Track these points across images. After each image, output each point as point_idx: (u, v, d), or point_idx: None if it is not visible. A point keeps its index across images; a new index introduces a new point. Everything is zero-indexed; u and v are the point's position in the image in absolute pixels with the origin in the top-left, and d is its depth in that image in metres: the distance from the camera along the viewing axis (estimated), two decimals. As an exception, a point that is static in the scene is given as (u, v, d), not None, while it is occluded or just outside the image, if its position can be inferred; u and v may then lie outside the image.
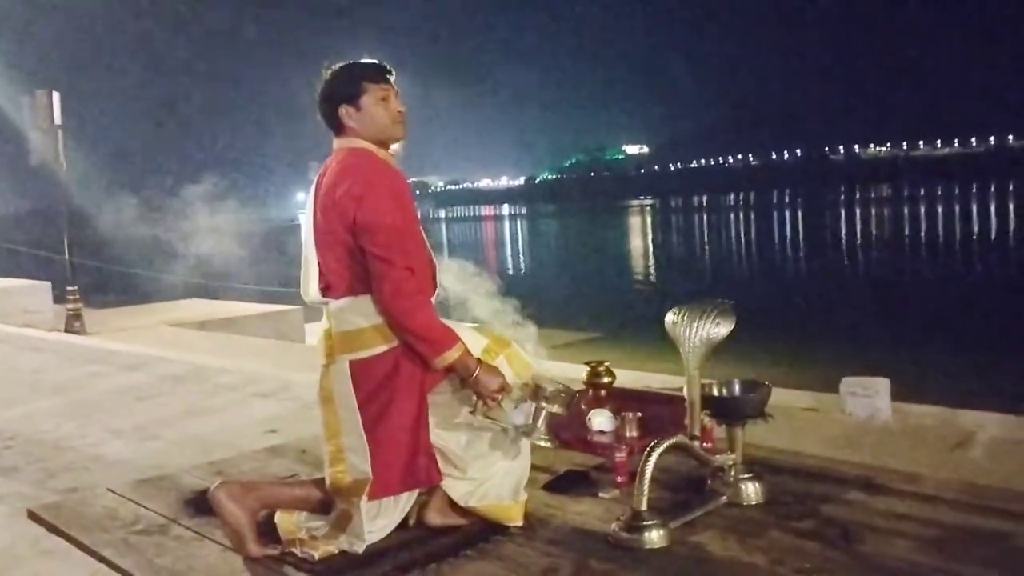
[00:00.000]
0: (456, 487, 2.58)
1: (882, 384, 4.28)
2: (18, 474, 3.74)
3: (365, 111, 2.52)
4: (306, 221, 2.59)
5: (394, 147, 2.62)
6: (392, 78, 2.58)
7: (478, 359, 2.48)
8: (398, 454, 2.47)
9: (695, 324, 2.63)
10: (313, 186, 2.59)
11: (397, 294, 2.40)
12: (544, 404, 2.54)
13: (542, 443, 2.59)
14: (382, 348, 2.46)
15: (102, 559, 2.64)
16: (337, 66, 2.58)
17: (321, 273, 2.54)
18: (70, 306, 9.19)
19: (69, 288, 9.27)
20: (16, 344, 8.01)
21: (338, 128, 2.56)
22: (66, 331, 9.01)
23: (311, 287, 2.56)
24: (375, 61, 2.59)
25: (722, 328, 2.63)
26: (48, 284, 10.73)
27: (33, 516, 3.06)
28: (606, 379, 3.32)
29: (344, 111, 2.52)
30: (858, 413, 4.20)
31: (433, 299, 2.56)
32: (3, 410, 5.05)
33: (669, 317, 2.71)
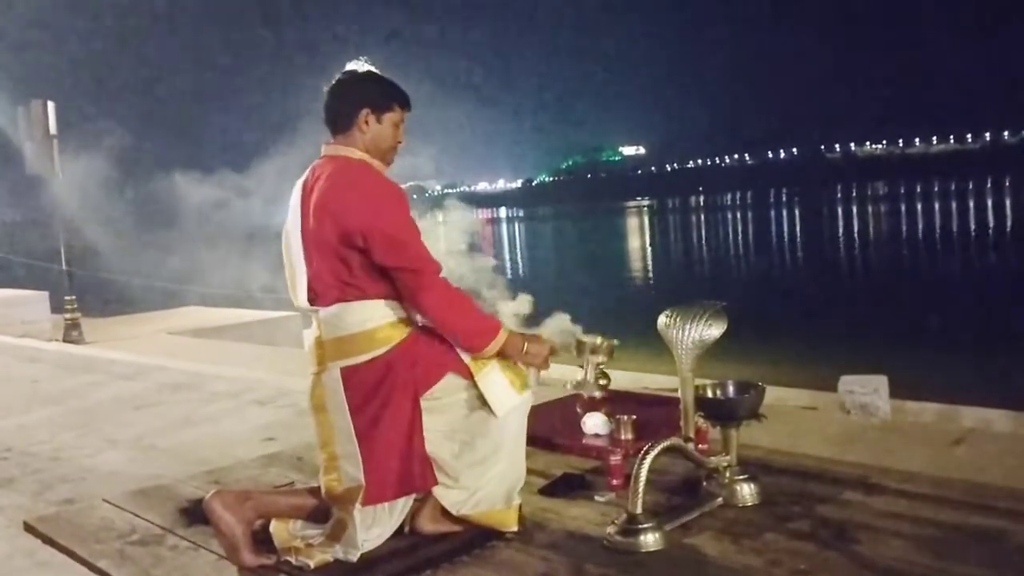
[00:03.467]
0: (448, 495, 2.56)
1: (881, 382, 4.29)
2: (15, 485, 3.73)
3: (383, 126, 2.56)
4: (293, 227, 2.55)
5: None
6: (408, 113, 2.63)
7: (521, 333, 2.59)
8: (392, 460, 2.46)
9: (687, 326, 2.63)
10: (298, 191, 2.56)
11: (444, 302, 2.48)
12: (591, 356, 2.99)
13: (596, 393, 3.00)
14: (374, 353, 2.46)
15: (98, 570, 2.64)
16: (371, 70, 2.60)
17: (310, 280, 2.52)
18: (68, 315, 9.17)
19: (67, 298, 9.26)
20: (14, 354, 8.00)
21: (345, 128, 2.54)
22: (64, 341, 8.99)
23: (300, 294, 2.55)
24: (404, 90, 2.64)
25: (714, 330, 2.63)
26: (46, 294, 10.72)
27: (29, 528, 3.05)
28: (601, 382, 3.32)
29: (365, 115, 2.53)
30: (857, 411, 4.21)
31: None
32: (0, 421, 5.04)
33: (661, 319, 2.71)
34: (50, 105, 9.25)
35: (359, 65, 2.62)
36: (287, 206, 2.64)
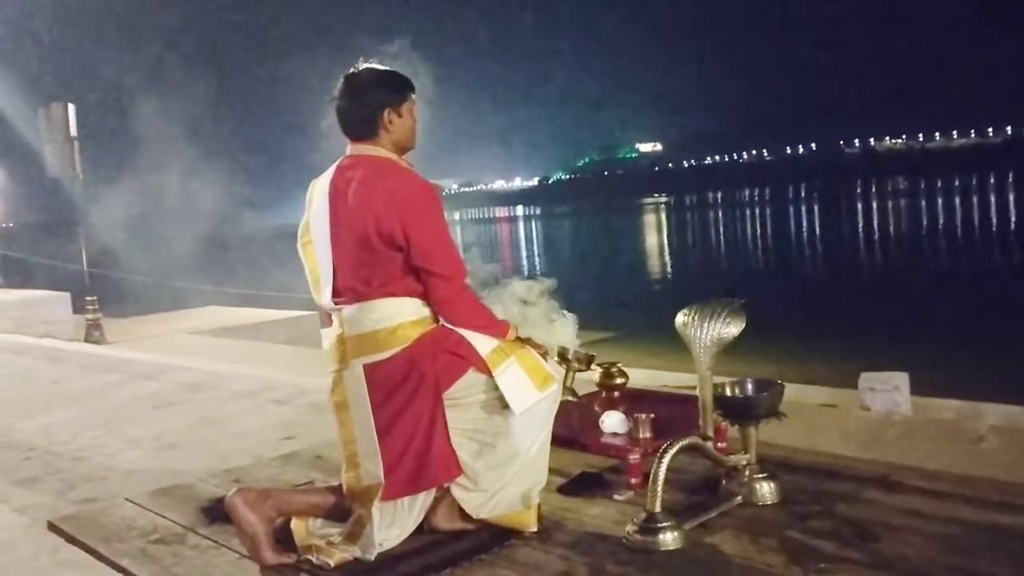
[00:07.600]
0: (469, 500, 2.55)
1: (901, 378, 4.24)
2: (38, 485, 3.77)
3: (404, 118, 2.57)
4: (319, 225, 2.56)
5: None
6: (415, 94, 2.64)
7: (524, 339, 2.64)
8: (411, 455, 2.47)
9: (706, 324, 2.62)
10: (324, 189, 2.56)
11: (465, 312, 2.52)
12: (574, 364, 3.21)
13: (570, 398, 3.18)
14: (396, 349, 2.47)
15: (120, 569, 2.66)
16: (378, 67, 2.59)
17: (335, 278, 2.53)
18: (89, 316, 9.27)
19: (88, 298, 9.36)
20: (36, 355, 8.08)
21: (370, 131, 2.55)
22: (85, 341, 9.09)
23: (324, 292, 2.56)
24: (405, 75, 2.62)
25: (733, 328, 2.61)
26: (67, 295, 10.82)
27: (53, 527, 3.09)
28: (619, 380, 3.32)
29: (388, 115, 2.54)
30: (877, 408, 4.17)
31: None
32: (23, 421, 5.09)
33: (680, 318, 2.70)
34: (70, 107, 9.35)
35: (360, 67, 2.61)
36: (304, 204, 2.65)
